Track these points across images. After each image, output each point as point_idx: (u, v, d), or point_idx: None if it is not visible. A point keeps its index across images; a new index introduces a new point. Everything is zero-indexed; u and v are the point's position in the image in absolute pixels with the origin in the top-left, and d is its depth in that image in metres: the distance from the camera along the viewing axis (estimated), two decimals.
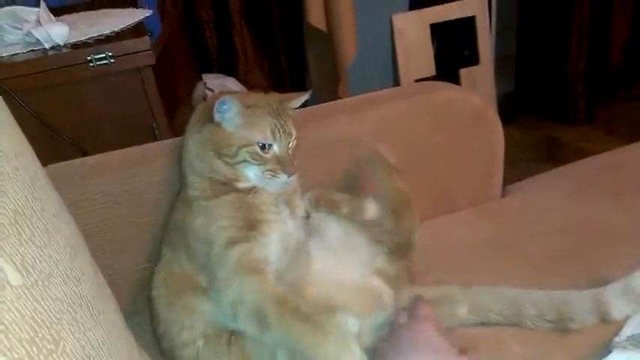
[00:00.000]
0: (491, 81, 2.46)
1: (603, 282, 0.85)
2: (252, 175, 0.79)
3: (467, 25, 2.38)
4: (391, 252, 0.86)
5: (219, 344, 0.76)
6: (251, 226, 0.78)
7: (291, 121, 0.82)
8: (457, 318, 0.82)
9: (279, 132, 0.79)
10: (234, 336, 0.75)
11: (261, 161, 0.78)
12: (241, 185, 0.80)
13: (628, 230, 0.98)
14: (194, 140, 0.82)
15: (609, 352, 0.72)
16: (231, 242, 0.76)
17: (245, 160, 0.78)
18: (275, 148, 0.79)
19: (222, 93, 0.84)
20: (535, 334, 0.80)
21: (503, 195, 1.20)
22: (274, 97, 0.85)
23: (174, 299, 0.81)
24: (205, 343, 0.77)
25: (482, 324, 0.82)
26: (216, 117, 0.79)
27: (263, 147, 0.78)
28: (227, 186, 0.80)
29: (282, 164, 0.79)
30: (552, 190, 1.16)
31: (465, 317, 0.82)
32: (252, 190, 0.80)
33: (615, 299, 0.78)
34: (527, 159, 2.27)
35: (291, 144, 0.81)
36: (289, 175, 0.79)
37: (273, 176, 0.79)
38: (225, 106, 0.78)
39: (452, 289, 0.85)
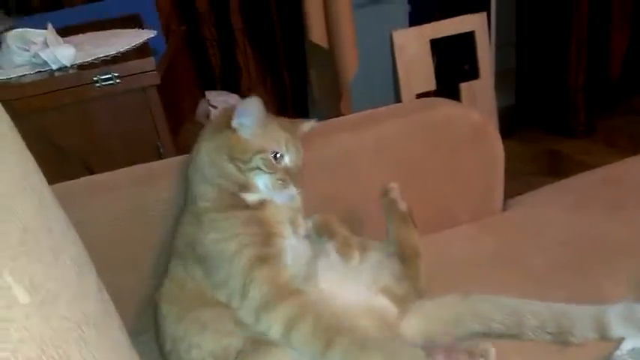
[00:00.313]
0: (492, 95, 2.48)
1: (603, 296, 0.86)
2: (261, 184, 0.82)
3: (466, 40, 2.40)
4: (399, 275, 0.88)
5: None
6: (269, 240, 0.80)
7: (299, 140, 0.87)
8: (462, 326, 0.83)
9: (291, 145, 0.83)
10: (241, 355, 0.74)
11: (272, 170, 0.81)
12: (249, 198, 0.82)
13: (628, 243, 0.98)
14: (207, 148, 0.85)
15: None
16: (257, 260, 0.77)
17: (257, 168, 0.81)
18: (286, 159, 0.83)
19: (225, 109, 0.87)
20: (535, 347, 0.80)
21: (504, 209, 1.21)
22: (284, 119, 0.90)
23: (184, 314, 0.80)
24: None
25: (485, 334, 0.82)
26: (234, 123, 0.82)
27: (275, 157, 0.82)
28: (236, 198, 0.81)
29: (292, 177, 0.82)
30: (553, 203, 1.16)
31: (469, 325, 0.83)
32: (260, 204, 0.82)
33: (616, 321, 0.78)
34: (529, 172, 2.28)
35: (299, 161, 0.85)
36: (298, 189, 0.82)
37: (283, 187, 0.81)
38: (247, 109, 0.81)
39: (453, 298, 0.86)
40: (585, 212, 1.09)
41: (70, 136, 1.22)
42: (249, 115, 0.82)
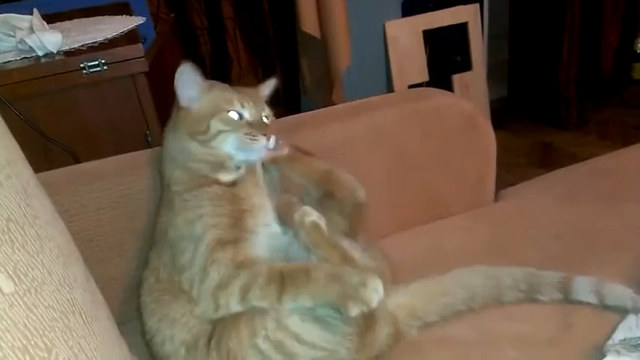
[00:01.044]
0: (484, 86, 2.48)
1: None
2: (230, 147, 0.78)
3: (459, 31, 2.40)
4: (354, 224, 0.86)
5: (197, 350, 0.76)
6: (237, 220, 0.78)
7: (262, 100, 0.84)
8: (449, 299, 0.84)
9: (246, 101, 0.79)
10: (214, 339, 0.74)
11: (234, 125, 0.78)
12: (224, 178, 0.80)
13: (619, 235, 0.98)
14: (171, 135, 0.83)
15: (603, 356, 0.73)
16: (221, 243, 0.76)
17: (218, 131, 0.78)
18: (246, 114, 0.79)
19: None
20: (529, 339, 0.80)
21: (496, 200, 1.21)
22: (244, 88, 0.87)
23: (155, 309, 0.81)
24: (186, 352, 0.77)
25: (469, 308, 0.84)
26: (181, 100, 0.80)
27: (234, 115, 0.79)
28: (209, 179, 0.80)
29: (257, 126, 0.78)
30: (545, 194, 1.17)
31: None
32: (234, 183, 0.80)
33: (581, 288, 0.83)
34: (520, 164, 2.29)
35: (266, 114, 0.82)
36: (268, 138, 0.78)
37: (252, 139, 0.78)
38: (186, 79, 0.79)
39: (435, 275, 0.87)
40: (577, 204, 1.10)
41: (56, 124, 1.20)
42: (187, 84, 0.79)
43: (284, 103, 2.26)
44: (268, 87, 0.88)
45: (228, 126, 0.78)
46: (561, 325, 0.81)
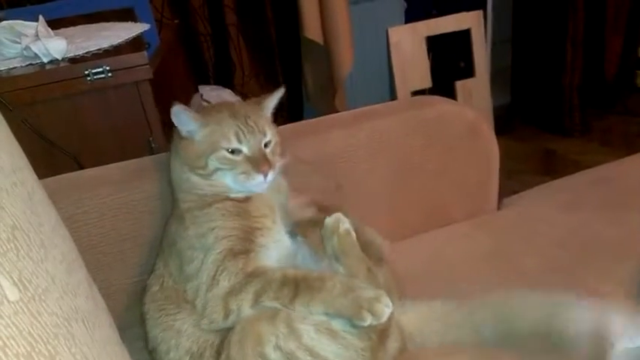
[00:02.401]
0: (487, 93, 2.48)
1: (593, 295, 0.85)
2: (229, 181, 0.79)
3: (462, 37, 2.40)
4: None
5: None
6: (248, 235, 0.78)
7: (263, 120, 0.81)
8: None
9: (243, 134, 0.78)
10: (223, 353, 0.74)
11: (232, 165, 0.78)
12: (233, 196, 0.80)
13: (622, 244, 0.98)
14: (174, 158, 0.83)
15: None
16: (232, 253, 0.76)
17: (217, 169, 0.78)
18: (244, 150, 0.78)
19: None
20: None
21: (499, 207, 1.21)
22: (247, 101, 0.86)
23: (159, 317, 0.81)
24: None
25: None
26: (183, 131, 0.79)
27: (232, 152, 0.78)
28: (219, 196, 0.80)
29: (255, 164, 0.78)
30: (547, 203, 1.17)
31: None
32: (245, 198, 0.80)
33: None
34: (523, 171, 2.28)
35: (266, 143, 0.80)
36: (265, 174, 0.78)
37: (248, 178, 0.78)
38: (180, 118, 0.78)
39: (446, 304, 0.85)
40: (579, 212, 1.10)
41: (60, 130, 1.21)
42: (183, 122, 0.78)
43: (287, 110, 2.27)
44: (274, 99, 0.86)
45: (225, 165, 0.78)
46: None
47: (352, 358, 0.71)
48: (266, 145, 0.80)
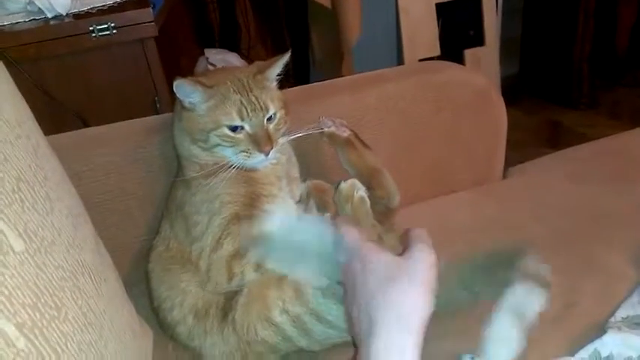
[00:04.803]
0: (496, 62, 2.44)
1: (599, 266, 0.86)
2: (230, 156, 0.77)
3: (473, 5, 2.35)
4: (380, 222, 0.86)
5: (208, 318, 0.77)
6: (254, 201, 0.78)
7: (267, 93, 0.78)
8: None
9: (246, 111, 0.75)
10: (229, 313, 0.75)
11: (233, 142, 0.76)
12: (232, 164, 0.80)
13: (627, 215, 0.98)
14: (175, 127, 0.82)
15: (604, 332, 0.73)
16: (236, 217, 0.76)
17: (218, 144, 0.76)
18: (246, 127, 0.76)
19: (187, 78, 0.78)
20: None
21: (504, 177, 1.20)
22: (250, 68, 0.81)
23: (164, 276, 0.82)
24: (195, 319, 0.78)
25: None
26: (185, 102, 0.76)
27: (234, 129, 0.76)
28: (219, 165, 0.78)
29: (257, 143, 0.76)
30: (553, 172, 1.16)
31: None
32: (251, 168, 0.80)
33: None
34: (529, 143, 2.27)
35: (271, 118, 0.78)
36: (266, 153, 0.76)
37: (248, 156, 0.76)
38: (183, 91, 0.75)
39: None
40: (585, 182, 1.09)
41: (65, 87, 1.20)
42: (186, 94, 0.75)
43: (293, 76, 2.24)
44: (279, 65, 0.81)
45: (226, 142, 0.76)
46: (564, 303, 0.81)
47: None
48: (269, 119, 0.78)
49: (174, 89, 0.75)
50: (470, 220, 1.03)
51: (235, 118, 0.75)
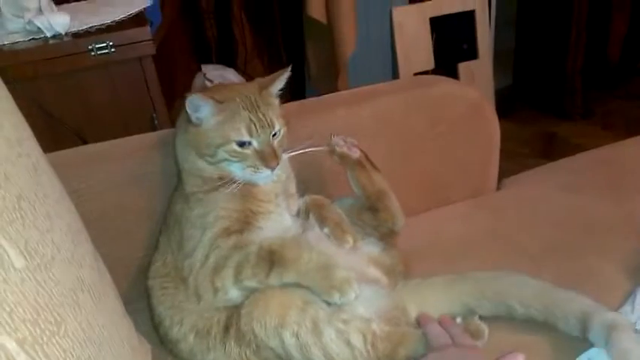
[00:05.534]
0: (490, 75, 2.47)
1: (594, 277, 0.87)
2: (236, 171, 0.79)
3: (466, 19, 2.38)
4: (381, 241, 0.89)
5: (210, 336, 0.77)
6: (247, 218, 0.79)
7: (272, 110, 0.80)
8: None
9: (255, 127, 0.76)
10: (232, 329, 0.76)
11: (240, 158, 0.77)
12: (237, 179, 0.81)
13: (621, 225, 0.99)
14: (180, 141, 0.82)
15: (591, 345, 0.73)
16: (226, 232, 0.77)
17: (225, 159, 0.78)
18: (254, 143, 0.78)
19: (195, 91, 0.80)
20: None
21: (498, 188, 1.21)
22: (253, 85, 0.83)
23: (162, 295, 0.83)
24: (197, 338, 0.78)
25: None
26: (193, 117, 0.77)
27: (242, 144, 0.77)
28: (224, 180, 0.80)
29: (263, 159, 0.78)
30: (547, 183, 1.17)
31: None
32: (249, 182, 0.81)
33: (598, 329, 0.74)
34: (524, 154, 2.28)
35: (275, 135, 0.79)
36: (272, 169, 0.78)
37: (255, 172, 0.78)
38: (195, 106, 0.76)
39: (446, 279, 0.86)
40: (579, 193, 1.10)
41: (63, 106, 1.21)
42: (198, 109, 0.76)
43: (289, 90, 2.26)
44: (281, 81, 0.83)
45: (234, 157, 0.77)
46: None
47: None
48: (274, 135, 0.80)
49: (188, 104, 0.76)
50: (464, 232, 1.04)
51: (245, 134, 0.76)
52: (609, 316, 0.74)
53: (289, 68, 0.83)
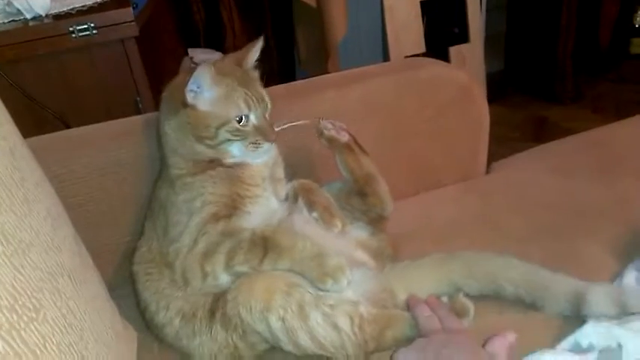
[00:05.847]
0: (481, 59, 2.45)
1: (581, 259, 0.87)
2: (236, 151, 0.79)
3: (457, 2, 2.36)
4: (370, 225, 0.88)
5: (196, 319, 0.77)
6: (235, 202, 0.78)
7: (259, 83, 0.81)
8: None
9: (252, 100, 0.77)
10: (217, 313, 0.75)
11: (242, 135, 0.77)
12: (227, 162, 0.80)
13: (610, 208, 0.99)
14: (171, 126, 0.79)
15: (584, 322, 0.73)
16: (214, 217, 0.76)
17: (227, 140, 0.77)
18: (252, 118, 0.78)
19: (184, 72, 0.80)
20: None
21: (487, 172, 1.21)
22: (230, 60, 0.82)
23: (147, 280, 0.82)
24: (183, 321, 0.78)
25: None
26: (189, 98, 0.76)
27: (240, 120, 0.77)
28: (213, 162, 0.79)
29: (263, 133, 0.78)
30: (536, 166, 1.17)
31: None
32: (238, 165, 0.80)
33: (596, 299, 0.74)
34: (514, 138, 2.28)
35: (267, 109, 0.80)
36: (272, 142, 0.79)
37: (257, 148, 0.79)
38: (201, 78, 0.74)
39: (434, 259, 0.86)
40: (569, 176, 1.10)
41: (45, 89, 1.18)
42: (203, 86, 0.75)
43: (278, 74, 2.24)
44: (255, 52, 0.83)
45: (236, 136, 0.77)
46: None
47: (345, 349, 0.72)
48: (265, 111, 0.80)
49: (197, 76, 0.74)
50: (454, 215, 1.03)
51: (244, 108, 0.77)
52: (606, 286, 0.76)
53: (261, 38, 0.83)
